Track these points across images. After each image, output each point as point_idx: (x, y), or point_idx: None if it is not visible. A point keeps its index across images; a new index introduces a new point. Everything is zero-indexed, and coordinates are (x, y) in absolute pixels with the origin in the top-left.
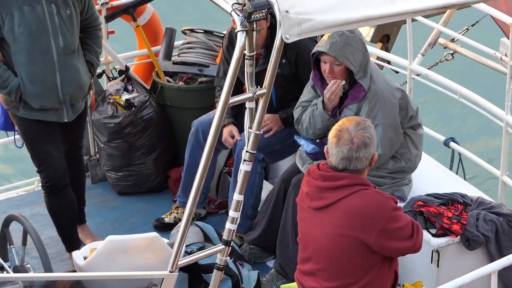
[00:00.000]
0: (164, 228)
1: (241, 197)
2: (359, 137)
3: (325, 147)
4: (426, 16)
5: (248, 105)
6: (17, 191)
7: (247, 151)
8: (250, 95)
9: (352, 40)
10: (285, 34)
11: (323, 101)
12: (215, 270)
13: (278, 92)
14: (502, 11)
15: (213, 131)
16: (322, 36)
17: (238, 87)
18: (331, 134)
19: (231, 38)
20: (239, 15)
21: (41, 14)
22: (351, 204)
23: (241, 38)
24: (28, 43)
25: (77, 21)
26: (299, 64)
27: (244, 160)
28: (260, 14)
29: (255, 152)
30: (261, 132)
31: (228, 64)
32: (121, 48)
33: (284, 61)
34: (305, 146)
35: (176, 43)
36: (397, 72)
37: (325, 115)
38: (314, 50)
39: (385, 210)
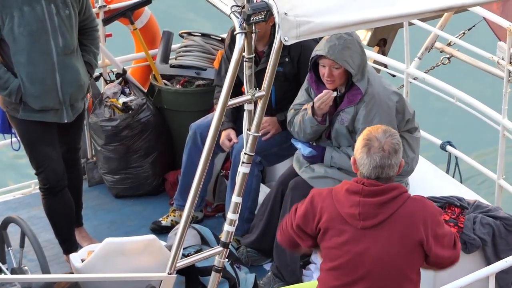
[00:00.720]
0: (161, 231)
1: (239, 199)
2: (389, 144)
3: (352, 158)
4: (423, 20)
5: (246, 107)
6: (14, 194)
7: (245, 153)
8: (249, 97)
9: (350, 42)
10: (284, 36)
11: (313, 106)
12: (213, 272)
13: (278, 92)
14: (493, 11)
15: (212, 134)
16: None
17: (237, 88)
18: (359, 144)
19: (234, 37)
20: (238, 17)
21: (41, 14)
22: (408, 211)
23: (240, 40)
24: (28, 44)
25: (76, 22)
26: (302, 63)
27: (243, 162)
28: (259, 16)
29: (253, 154)
30: (260, 134)
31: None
32: (119, 51)
33: (287, 59)
34: (302, 149)
35: (173, 46)
36: (394, 75)
37: (314, 121)
38: (313, 54)
39: (435, 215)
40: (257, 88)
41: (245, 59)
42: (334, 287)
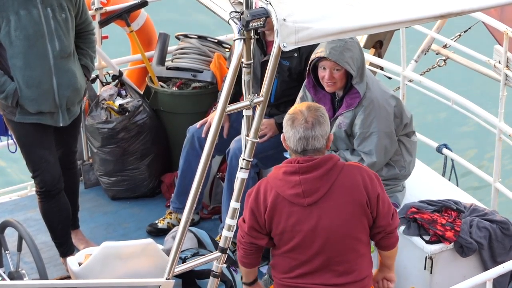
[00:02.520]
0: (158, 233)
1: (238, 205)
2: (312, 116)
3: (282, 135)
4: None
5: (245, 112)
6: (10, 196)
7: (244, 159)
8: (248, 103)
9: (350, 45)
10: (283, 42)
11: None
12: (211, 277)
13: (279, 87)
14: (491, 15)
15: (210, 139)
16: None
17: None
18: (285, 119)
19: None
20: (237, 24)
21: (37, 17)
22: (347, 178)
23: (238, 46)
24: (25, 47)
25: (72, 25)
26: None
27: (241, 168)
28: (258, 23)
29: (251, 159)
30: (258, 140)
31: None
32: (115, 53)
33: (295, 54)
34: None
35: (169, 48)
36: (390, 78)
37: None
38: (313, 56)
39: (372, 177)
40: (256, 94)
41: (243, 65)
42: (292, 268)
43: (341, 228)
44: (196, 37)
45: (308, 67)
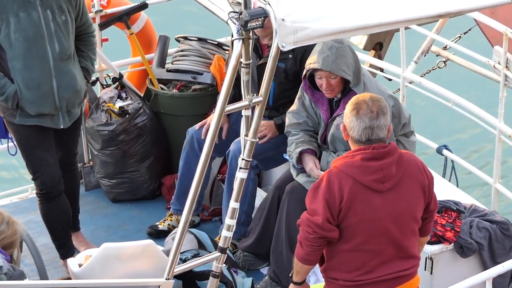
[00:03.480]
0: (158, 235)
1: (237, 205)
2: (377, 106)
3: (341, 125)
4: (419, 24)
5: (244, 112)
6: (11, 198)
7: (243, 159)
8: (247, 103)
9: (342, 50)
10: (281, 42)
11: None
12: (211, 278)
13: (277, 89)
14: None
15: (209, 140)
16: None
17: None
18: (348, 109)
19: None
20: (235, 24)
21: (37, 19)
22: (410, 164)
23: (237, 46)
24: (25, 49)
25: (72, 27)
26: (305, 61)
27: (240, 168)
28: (257, 23)
29: (251, 159)
30: (257, 140)
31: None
32: (115, 56)
33: (290, 56)
34: (295, 163)
35: (170, 50)
36: (390, 79)
37: (298, 169)
38: (307, 68)
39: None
40: (255, 94)
41: (242, 65)
42: (365, 262)
43: (410, 212)
44: (196, 39)
45: (303, 75)
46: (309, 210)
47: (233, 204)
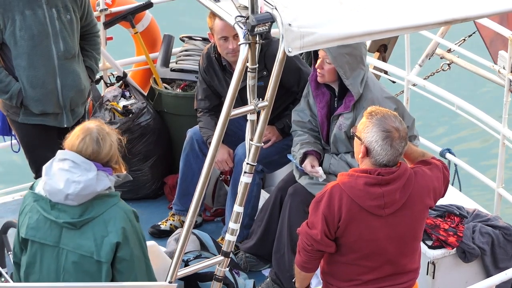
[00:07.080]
0: (160, 235)
1: (241, 209)
2: (404, 131)
3: (363, 147)
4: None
5: (249, 117)
6: (13, 196)
7: (247, 163)
8: (252, 107)
9: (351, 53)
10: (288, 47)
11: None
12: (214, 281)
13: None
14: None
15: (214, 144)
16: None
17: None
18: (378, 136)
19: (209, 59)
20: (242, 28)
21: (42, 18)
22: (418, 186)
23: (243, 51)
24: (29, 47)
25: (77, 27)
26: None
27: (245, 172)
28: (263, 27)
29: (255, 164)
30: (262, 144)
31: (207, 85)
32: (119, 55)
33: (265, 73)
34: (298, 164)
35: (174, 50)
36: (394, 82)
37: (300, 170)
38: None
39: (432, 180)
40: (260, 99)
41: (248, 70)
42: (359, 274)
43: (412, 233)
44: (201, 39)
45: (312, 55)
46: (309, 221)
47: (237, 208)
